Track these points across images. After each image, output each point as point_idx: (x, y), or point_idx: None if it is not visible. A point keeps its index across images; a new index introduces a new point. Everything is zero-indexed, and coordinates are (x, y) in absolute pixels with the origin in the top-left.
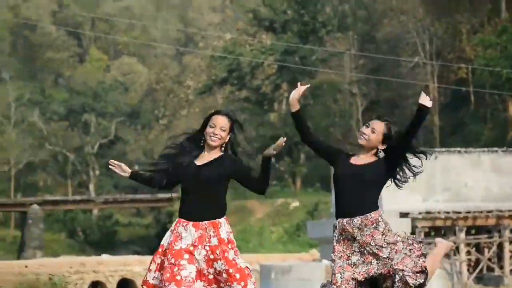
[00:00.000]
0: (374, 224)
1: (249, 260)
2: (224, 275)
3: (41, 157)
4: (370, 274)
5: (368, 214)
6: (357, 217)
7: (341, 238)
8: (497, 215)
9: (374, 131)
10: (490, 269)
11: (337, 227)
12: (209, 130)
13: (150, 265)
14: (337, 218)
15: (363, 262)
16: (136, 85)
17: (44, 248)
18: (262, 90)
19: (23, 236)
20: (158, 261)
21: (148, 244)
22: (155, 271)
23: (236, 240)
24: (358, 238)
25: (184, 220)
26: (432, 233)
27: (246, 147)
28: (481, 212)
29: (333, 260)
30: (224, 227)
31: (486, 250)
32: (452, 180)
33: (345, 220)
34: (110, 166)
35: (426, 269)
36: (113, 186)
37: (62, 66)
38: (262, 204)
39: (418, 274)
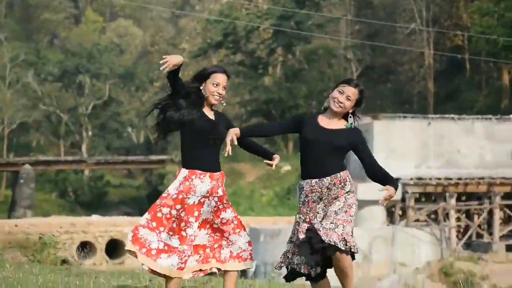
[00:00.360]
0: (342, 184)
1: None
2: (232, 224)
3: (34, 117)
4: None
5: (338, 173)
6: (327, 177)
7: (307, 200)
8: (489, 182)
9: (349, 98)
10: (480, 236)
11: (304, 188)
12: (212, 88)
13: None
14: (304, 179)
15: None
16: (131, 47)
17: (35, 207)
18: (257, 54)
19: (14, 196)
20: (157, 209)
21: (139, 205)
22: (148, 213)
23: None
24: (324, 198)
25: (200, 171)
26: (423, 199)
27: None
28: (473, 178)
29: (297, 222)
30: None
31: (476, 217)
32: (445, 146)
33: (313, 180)
34: (162, 62)
35: (348, 243)
36: (105, 147)
37: (58, 27)
38: (253, 167)
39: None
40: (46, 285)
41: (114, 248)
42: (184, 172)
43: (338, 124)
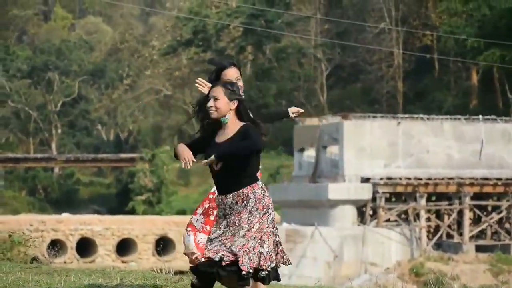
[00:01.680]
0: (244, 202)
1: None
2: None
3: (3, 114)
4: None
5: (240, 191)
6: (230, 194)
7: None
8: (458, 182)
9: (216, 98)
10: (450, 236)
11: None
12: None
13: (197, 208)
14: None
15: (219, 241)
16: (100, 44)
17: (4, 205)
18: (227, 52)
19: None
20: (206, 205)
21: (109, 203)
22: (200, 215)
23: (198, 202)
24: (227, 216)
25: None
26: (393, 199)
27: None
28: (442, 179)
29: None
30: None
31: (446, 217)
32: (414, 146)
33: (220, 197)
34: (197, 84)
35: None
36: (75, 145)
37: (27, 24)
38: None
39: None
40: (16, 283)
41: (85, 247)
42: None
43: (228, 134)
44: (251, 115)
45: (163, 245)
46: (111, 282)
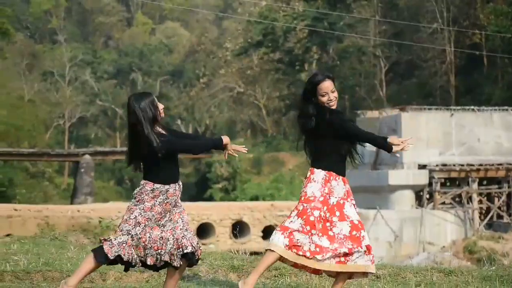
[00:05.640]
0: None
1: (281, 206)
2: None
3: (92, 112)
4: (177, 232)
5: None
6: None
7: (167, 202)
8: (507, 167)
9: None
10: (500, 217)
11: (168, 191)
12: (323, 99)
13: (291, 212)
14: (168, 184)
15: (171, 220)
16: (179, 47)
17: (94, 194)
18: (294, 52)
19: (76, 184)
20: (300, 208)
21: (189, 191)
22: (294, 216)
23: (270, 189)
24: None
25: (335, 174)
26: (448, 184)
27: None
28: (492, 165)
29: (137, 222)
30: None
31: (496, 199)
32: (466, 136)
33: (177, 185)
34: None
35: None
36: None
37: (112, 30)
38: (293, 156)
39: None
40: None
41: None
42: (322, 173)
43: None
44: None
45: (239, 229)
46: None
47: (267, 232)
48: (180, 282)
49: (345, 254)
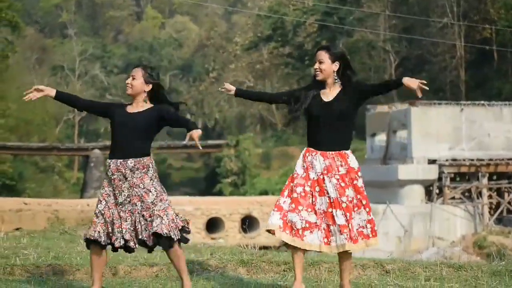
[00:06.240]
0: (145, 169)
1: None
2: (355, 201)
3: None
4: (134, 215)
5: (140, 159)
6: (131, 159)
7: (113, 177)
8: None
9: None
10: (510, 212)
11: (110, 167)
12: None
13: (283, 191)
14: (111, 159)
15: (129, 202)
16: (188, 41)
17: None
18: (304, 47)
19: (85, 178)
20: (289, 187)
21: (198, 186)
22: (286, 196)
23: (279, 183)
24: (129, 179)
25: (313, 149)
26: (457, 179)
27: None
28: (502, 159)
29: (99, 200)
30: (353, 158)
31: (506, 194)
32: (476, 130)
33: (119, 161)
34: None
35: (184, 229)
36: (167, 133)
37: (122, 24)
38: (302, 150)
39: (174, 227)
40: (115, 258)
41: None
42: (303, 150)
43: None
44: None
45: (248, 223)
46: (202, 256)
47: None
48: (190, 277)
49: (327, 233)
